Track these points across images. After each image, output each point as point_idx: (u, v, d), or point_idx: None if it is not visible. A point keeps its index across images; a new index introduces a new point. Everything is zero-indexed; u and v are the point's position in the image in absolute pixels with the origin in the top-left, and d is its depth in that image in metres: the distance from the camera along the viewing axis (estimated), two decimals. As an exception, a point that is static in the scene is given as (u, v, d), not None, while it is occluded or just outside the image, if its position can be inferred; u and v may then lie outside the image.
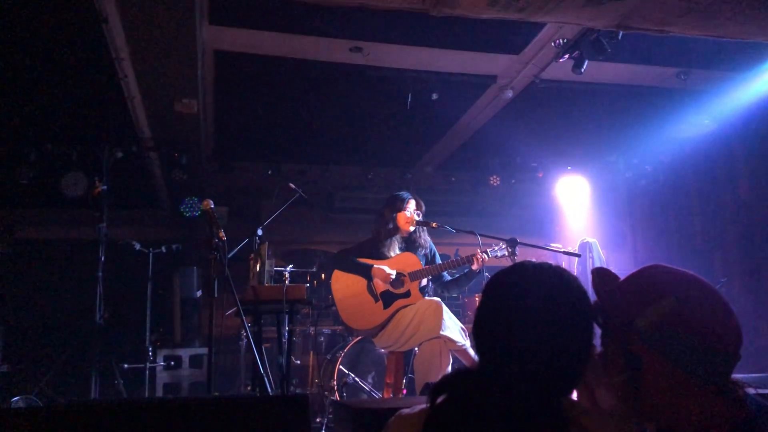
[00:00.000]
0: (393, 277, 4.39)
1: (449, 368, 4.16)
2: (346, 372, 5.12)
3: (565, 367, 1.27)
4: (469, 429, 1.20)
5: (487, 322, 1.34)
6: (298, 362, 6.05)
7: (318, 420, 4.92)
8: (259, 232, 4.78)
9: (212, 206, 3.86)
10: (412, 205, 4.61)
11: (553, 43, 4.58)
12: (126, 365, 5.92)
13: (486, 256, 4.44)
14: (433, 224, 4.60)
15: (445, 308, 4.13)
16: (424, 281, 4.60)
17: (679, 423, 1.28)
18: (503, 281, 1.37)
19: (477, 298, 6.37)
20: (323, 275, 6.67)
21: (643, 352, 1.30)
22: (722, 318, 1.29)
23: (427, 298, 4.36)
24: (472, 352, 4.05)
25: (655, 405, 1.30)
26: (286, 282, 4.21)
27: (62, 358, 5.23)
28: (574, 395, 1.41)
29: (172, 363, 6.52)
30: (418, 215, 4.61)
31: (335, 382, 5.04)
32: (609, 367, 1.37)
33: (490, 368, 1.28)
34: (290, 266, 5.34)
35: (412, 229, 4.59)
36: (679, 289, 1.33)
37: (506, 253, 4.45)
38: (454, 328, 4.09)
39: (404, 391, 4.56)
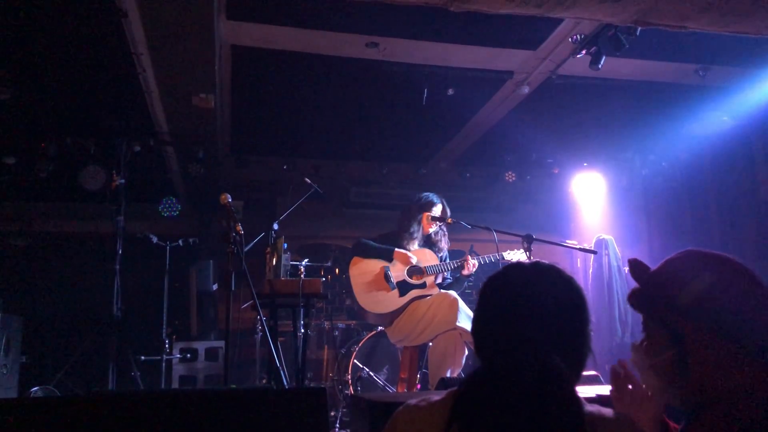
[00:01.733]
0: (414, 261, 4.44)
1: (464, 360, 4.20)
2: (361, 366, 5.14)
3: (566, 360, 1.28)
4: (490, 425, 1.21)
5: (485, 324, 1.37)
6: (313, 356, 6.08)
7: (333, 414, 4.95)
8: (275, 226, 4.81)
9: (230, 200, 3.89)
10: (437, 209, 4.66)
11: (570, 39, 4.56)
12: (143, 357, 5.97)
13: (476, 262, 4.48)
14: (449, 220, 4.63)
15: (460, 301, 4.16)
16: (439, 278, 4.63)
17: (725, 396, 1.30)
18: (499, 283, 1.39)
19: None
20: (337, 270, 6.69)
21: (686, 327, 1.35)
22: (760, 290, 1.34)
23: (442, 291, 4.39)
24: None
25: (702, 378, 1.33)
26: (302, 276, 4.23)
27: (80, 350, 5.29)
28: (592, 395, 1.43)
29: (188, 355, 6.57)
30: (437, 222, 4.63)
31: (350, 376, 5.07)
32: (653, 349, 1.42)
33: (492, 368, 1.29)
34: (306, 260, 5.36)
35: (432, 229, 4.65)
36: (716, 266, 1.40)
37: (524, 254, 4.45)
38: (469, 321, 4.11)
39: (418, 386, 4.58)
